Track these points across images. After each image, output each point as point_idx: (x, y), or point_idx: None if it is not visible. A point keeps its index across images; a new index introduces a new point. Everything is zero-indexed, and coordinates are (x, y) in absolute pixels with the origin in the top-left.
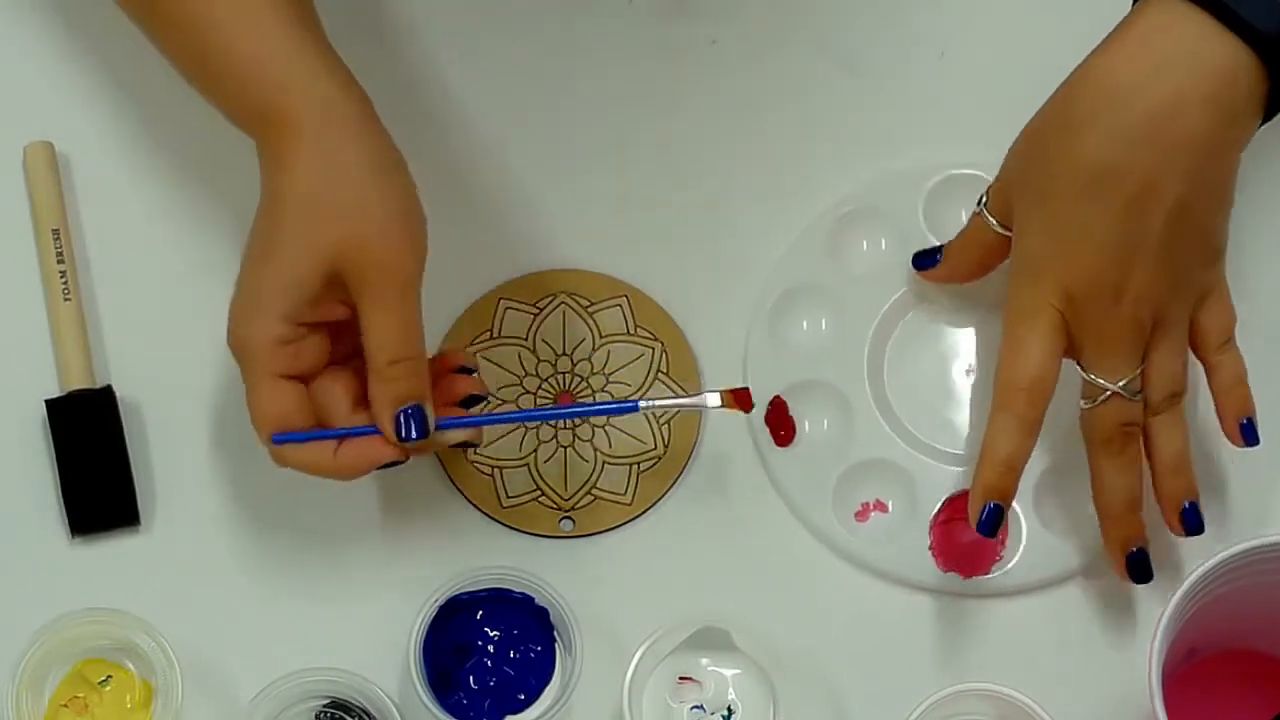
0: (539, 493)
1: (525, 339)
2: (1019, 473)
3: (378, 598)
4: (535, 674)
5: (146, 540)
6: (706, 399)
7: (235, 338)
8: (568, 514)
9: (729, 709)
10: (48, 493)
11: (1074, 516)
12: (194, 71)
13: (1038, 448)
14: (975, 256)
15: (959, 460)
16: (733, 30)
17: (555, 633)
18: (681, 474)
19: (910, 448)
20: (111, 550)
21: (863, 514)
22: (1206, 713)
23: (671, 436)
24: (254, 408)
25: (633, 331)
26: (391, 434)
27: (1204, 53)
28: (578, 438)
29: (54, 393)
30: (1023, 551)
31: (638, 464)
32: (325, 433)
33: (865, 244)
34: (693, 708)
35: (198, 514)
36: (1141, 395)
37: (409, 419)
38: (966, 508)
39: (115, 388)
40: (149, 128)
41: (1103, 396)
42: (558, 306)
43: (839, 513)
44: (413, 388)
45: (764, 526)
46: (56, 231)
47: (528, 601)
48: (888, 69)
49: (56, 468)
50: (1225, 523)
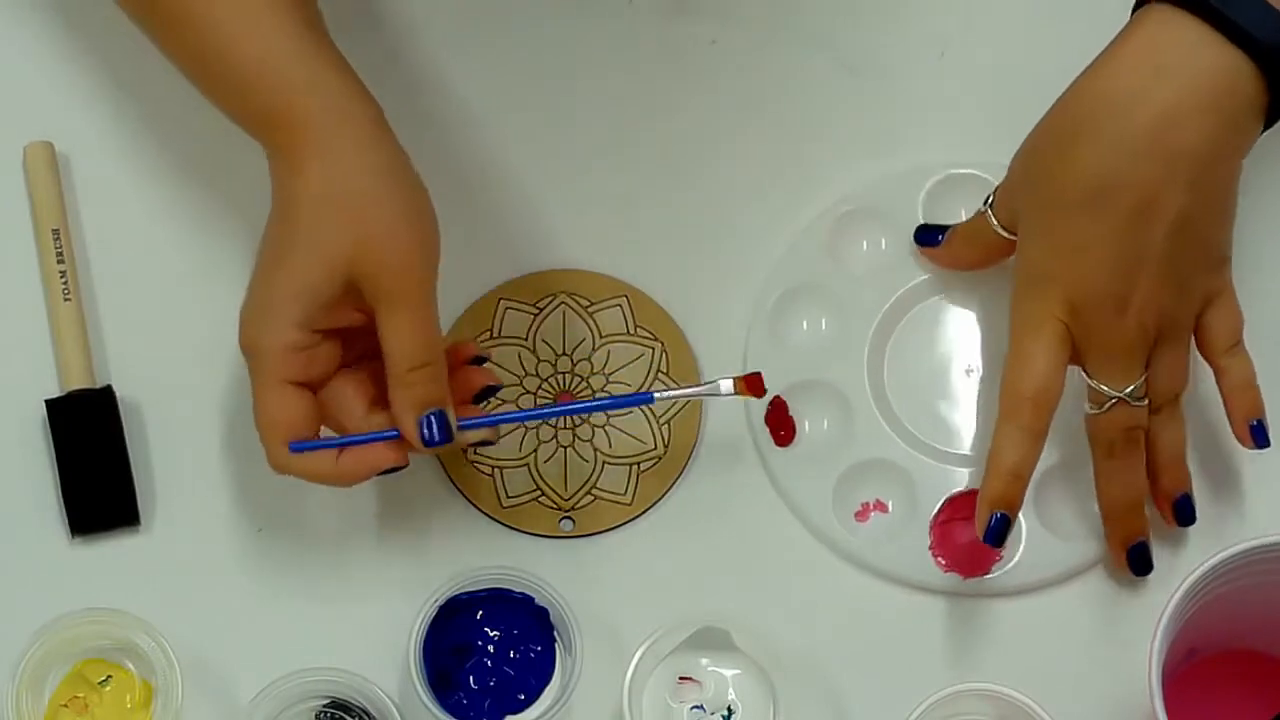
0: (539, 493)
1: (525, 339)
2: (1026, 482)
3: (378, 598)
4: (535, 674)
5: (146, 540)
6: (720, 385)
7: (247, 342)
8: (568, 514)
9: (729, 709)
10: (48, 493)
11: (1074, 517)
12: (201, 75)
13: None
14: (976, 251)
15: (959, 460)
16: (733, 30)
17: (555, 633)
18: (681, 474)
19: (910, 448)
20: (111, 550)
21: (863, 514)
22: (1206, 713)
23: (671, 436)
24: (261, 413)
25: (633, 331)
26: (416, 439)
27: (1203, 62)
28: (578, 438)
29: (54, 393)
30: (1023, 551)
31: (638, 464)
32: (343, 439)
33: (865, 244)
34: (693, 708)
35: (198, 514)
36: (1145, 399)
37: (433, 423)
38: (967, 508)
39: (115, 388)
40: (149, 128)
41: (1109, 403)
42: (558, 306)
43: (839, 513)
44: (433, 392)
45: (764, 527)
46: (56, 231)
47: (528, 601)
48: (888, 69)
49: (56, 468)
50: (1240, 523)
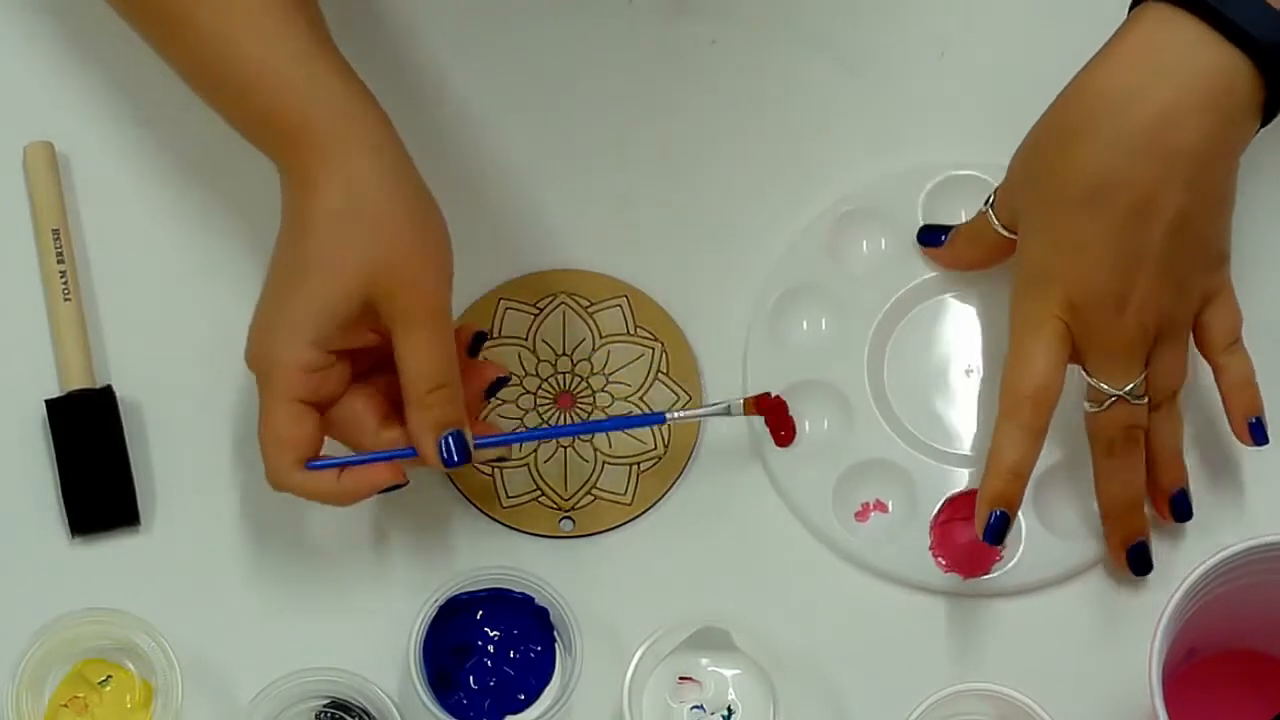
0: (539, 493)
1: (525, 339)
2: (1025, 480)
3: (378, 598)
4: (535, 674)
5: (146, 540)
6: (731, 407)
7: (259, 359)
8: (568, 514)
9: (729, 709)
10: (48, 493)
11: (1074, 517)
12: (200, 79)
13: None
14: (978, 251)
15: (959, 460)
16: (733, 30)
17: (555, 633)
18: (681, 474)
19: (910, 448)
20: (111, 550)
21: (863, 514)
22: (1206, 713)
23: (671, 436)
24: (267, 430)
25: (633, 331)
26: (435, 460)
27: (1200, 60)
28: (578, 438)
29: (54, 393)
30: (1023, 551)
31: (638, 464)
32: (359, 458)
33: (865, 244)
34: (693, 708)
35: (198, 514)
36: (1145, 397)
37: (451, 444)
38: (967, 508)
39: (115, 388)
40: (149, 128)
41: (1108, 401)
42: (558, 306)
43: (839, 513)
44: (451, 413)
45: (764, 527)
46: (56, 231)
47: (528, 601)
48: (888, 69)
49: (56, 468)
50: (1239, 521)
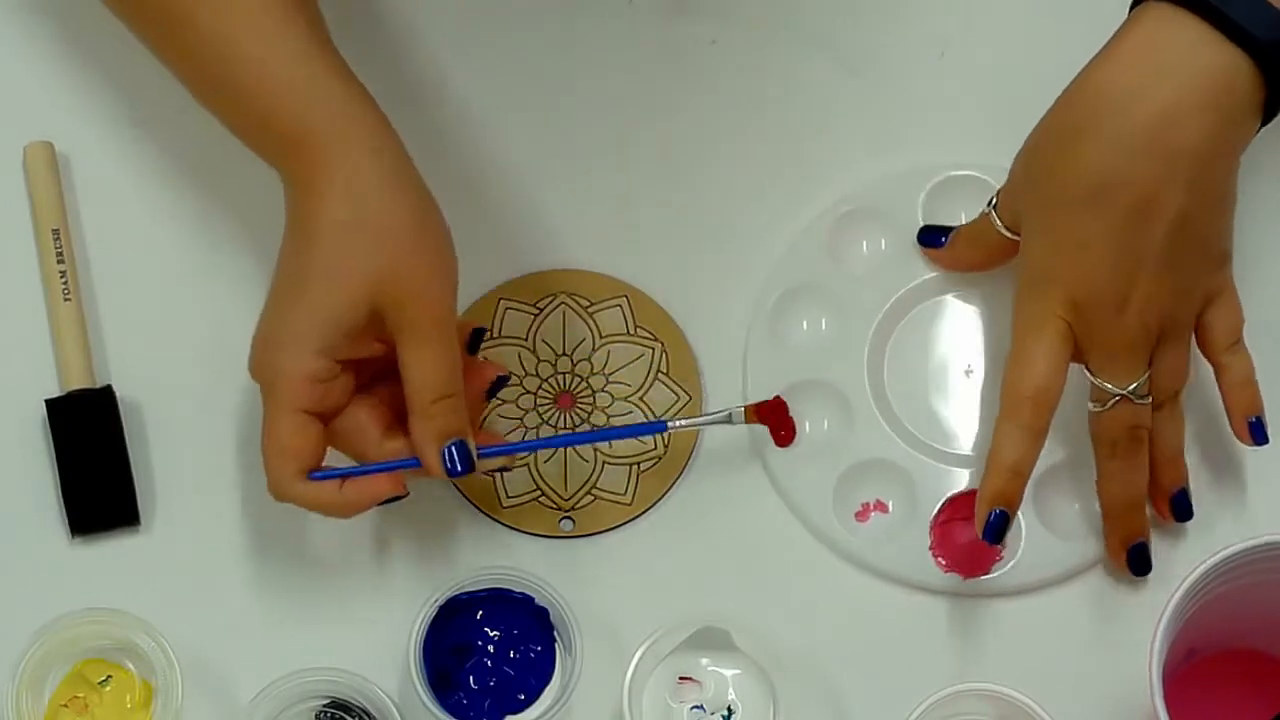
0: (539, 493)
1: (525, 339)
2: (1025, 480)
3: (378, 598)
4: (535, 674)
5: (146, 540)
6: (732, 415)
7: (264, 369)
8: (568, 514)
9: (729, 709)
10: (48, 493)
11: (1075, 516)
12: (209, 93)
13: None
14: (980, 253)
15: (959, 460)
16: (733, 30)
17: (555, 633)
18: (681, 474)
19: (910, 448)
20: (111, 550)
21: (863, 514)
22: (1206, 713)
23: (671, 437)
24: (271, 440)
25: (633, 331)
26: (439, 470)
27: (1200, 60)
28: None
29: (54, 393)
30: (1023, 551)
31: (638, 464)
32: (361, 468)
33: (865, 244)
34: (693, 708)
35: (198, 514)
36: (1148, 397)
37: (455, 454)
38: (967, 508)
39: (115, 388)
40: (149, 128)
41: (1111, 401)
42: (558, 306)
43: (839, 513)
44: (455, 423)
45: (764, 527)
46: (56, 231)
47: (528, 601)
48: (888, 69)
49: (56, 468)
50: (1239, 521)
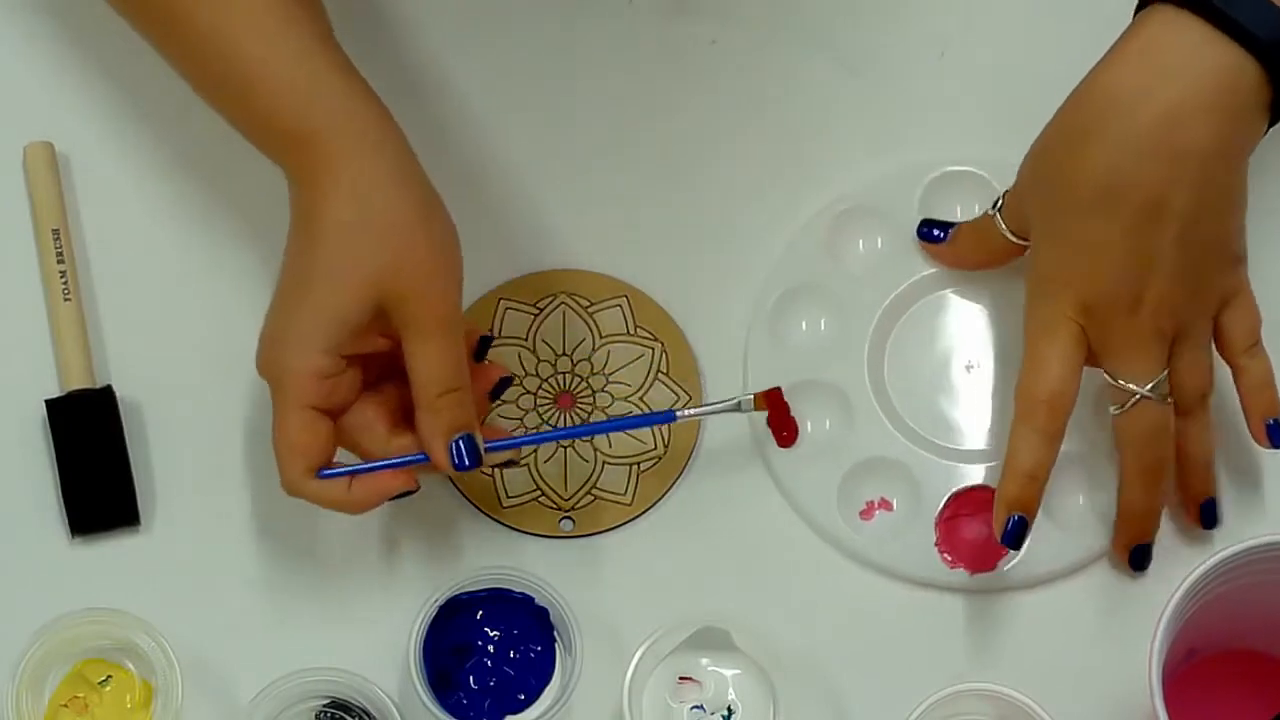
0: (539, 493)
1: (525, 339)
2: (1042, 484)
3: (378, 598)
4: (535, 674)
5: (146, 540)
6: (741, 403)
7: (270, 366)
8: (568, 514)
9: (729, 709)
10: (48, 493)
11: (1080, 509)
12: (211, 90)
13: None
14: (982, 254)
15: (962, 456)
16: (733, 30)
17: (555, 633)
18: (681, 474)
19: (913, 444)
20: (111, 550)
21: (868, 512)
22: (1206, 713)
23: (671, 436)
24: (281, 437)
25: (633, 331)
26: (446, 464)
27: (1205, 61)
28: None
29: (54, 393)
30: (1030, 544)
31: (638, 464)
32: (372, 465)
33: (862, 243)
34: (693, 708)
35: (198, 514)
36: (1171, 399)
37: (461, 448)
38: (972, 504)
39: (115, 388)
40: (149, 128)
41: (1132, 401)
42: (558, 306)
43: (844, 512)
44: (461, 417)
45: (764, 526)
46: (56, 231)
47: (528, 601)
48: (888, 69)
49: (56, 468)
50: (1257, 522)
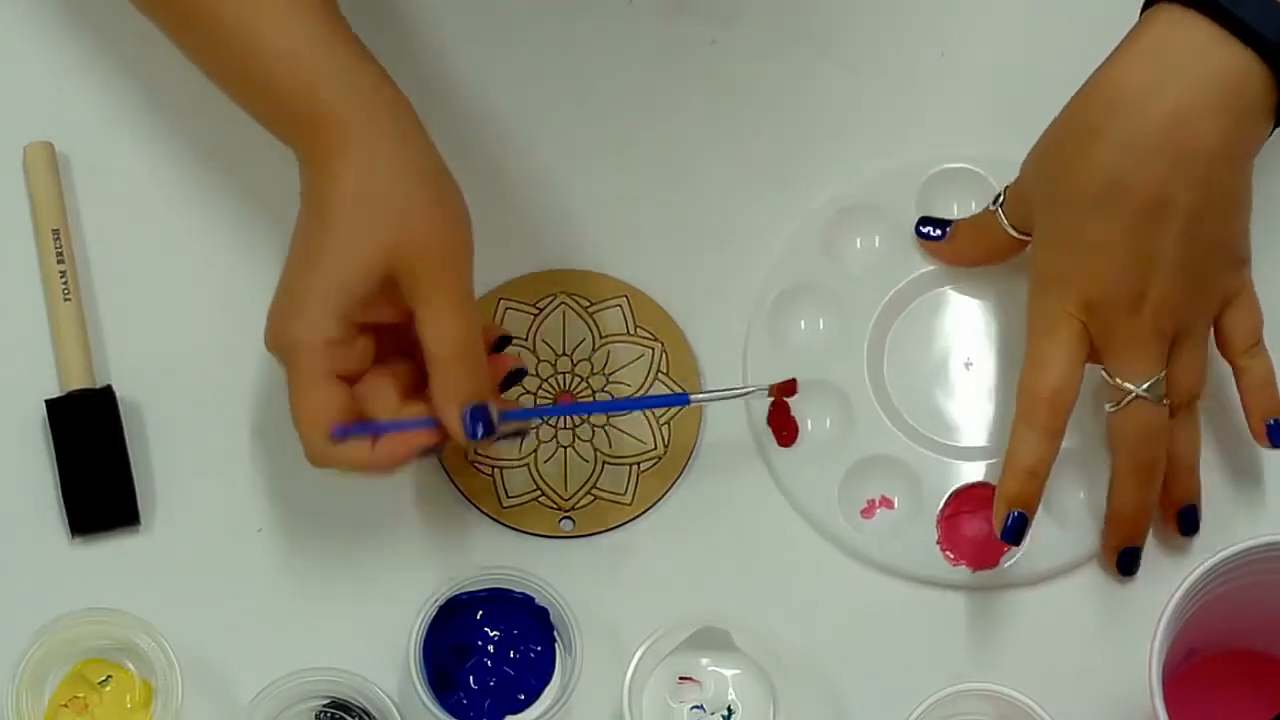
0: (539, 493)
1: (525, 339)
2: (1043, 481)
3: (378, 598)
4: (535, 674)
5: (146, 540)
6: (754, 391)
7: (280, 338)
8: (568, 514)
9: (729, 709)
10: (48, 493)
11: (1080, 505)
12: (226, 75)
13: None
14: (983, 250)
15: (963, 453)
16: (733, 30)
17: (555, 633)
18: (681, 474)
19: (913, 442)
20: (111, 550)
21: (869, 511)
22: (1206, 713)
23: (671, 436)
24: (301, 408)
25: (633, 331)
26: (459, 432)
27: (1211, 61)
28: (578, 438)
29: (54, 393)
30: (1030, 541)
31: (638, 464)
32: (389, 424)
33: (860, 241)
34: (693, 708)
35: (198, 514)
36: (1166, 400)
37: (476, 417)
38: (973, 501)
39: (115, 388)
40: (149, 128)
41: (1127, 399)
42: (558, 306)
43: (845, 510)
44: (476, 385)
45: (764, 525)
46: (56, 231)
47: (528, 601)
48: (888, 69)
49: (56, 468)
50: (1256, 522)
